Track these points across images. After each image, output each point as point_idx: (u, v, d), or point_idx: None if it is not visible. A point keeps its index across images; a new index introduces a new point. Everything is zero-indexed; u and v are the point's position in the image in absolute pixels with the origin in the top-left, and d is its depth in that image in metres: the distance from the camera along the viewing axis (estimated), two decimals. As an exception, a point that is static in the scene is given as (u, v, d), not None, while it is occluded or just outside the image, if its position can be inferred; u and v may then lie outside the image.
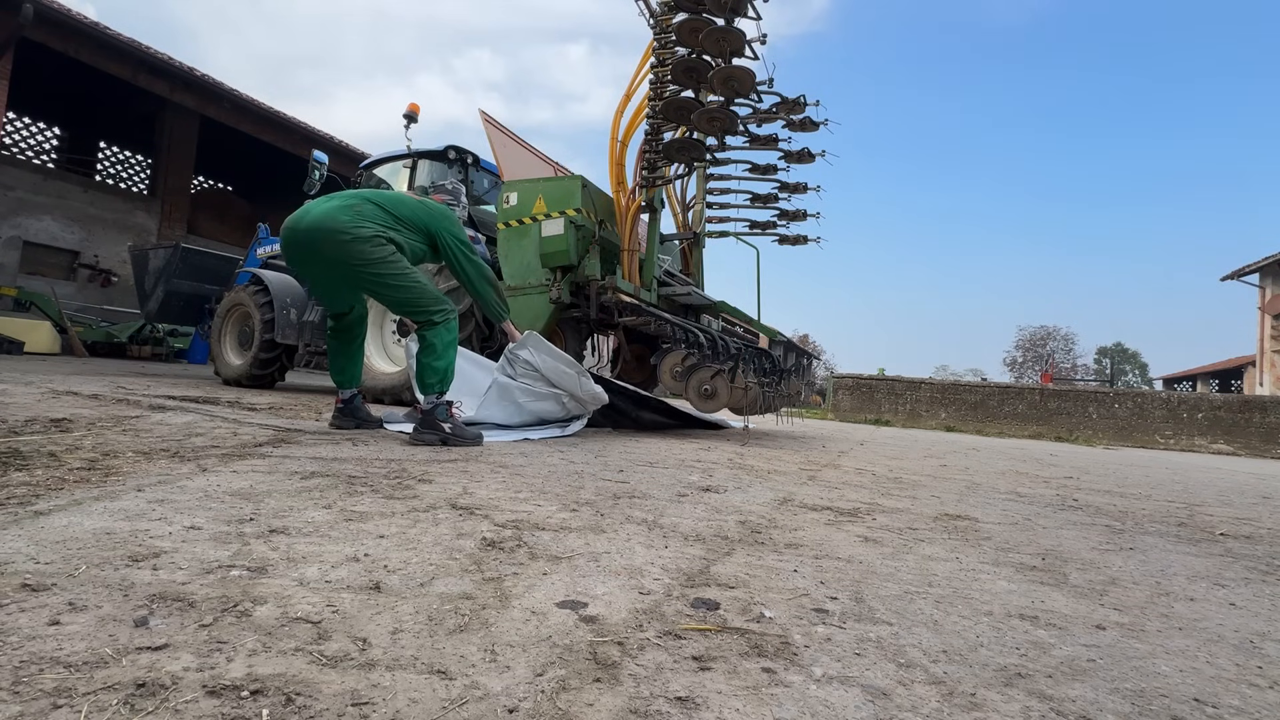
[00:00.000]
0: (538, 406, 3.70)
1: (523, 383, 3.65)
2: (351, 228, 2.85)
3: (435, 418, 2.84)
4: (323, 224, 2.85)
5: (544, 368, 3.71)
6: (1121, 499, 2.98)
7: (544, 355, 3.71)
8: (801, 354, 6.20)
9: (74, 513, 1.28)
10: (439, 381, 2.93)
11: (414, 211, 3.10)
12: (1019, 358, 52.98)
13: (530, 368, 3.70)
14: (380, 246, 2.90)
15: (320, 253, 2.89)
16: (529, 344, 3.70)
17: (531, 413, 3.68)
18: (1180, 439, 9.84)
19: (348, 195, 3.02)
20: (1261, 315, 19.02)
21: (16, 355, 8.59)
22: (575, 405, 3.86)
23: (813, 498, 2.25)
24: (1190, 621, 1.19)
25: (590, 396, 3.88)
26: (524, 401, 3.68)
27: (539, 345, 3.73)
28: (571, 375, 3.78)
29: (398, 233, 3.00)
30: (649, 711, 0.70)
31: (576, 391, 3.80)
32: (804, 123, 5.58)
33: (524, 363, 3.69)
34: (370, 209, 2.95)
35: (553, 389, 3.73)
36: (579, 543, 1.37)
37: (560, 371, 3.75)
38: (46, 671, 0.68)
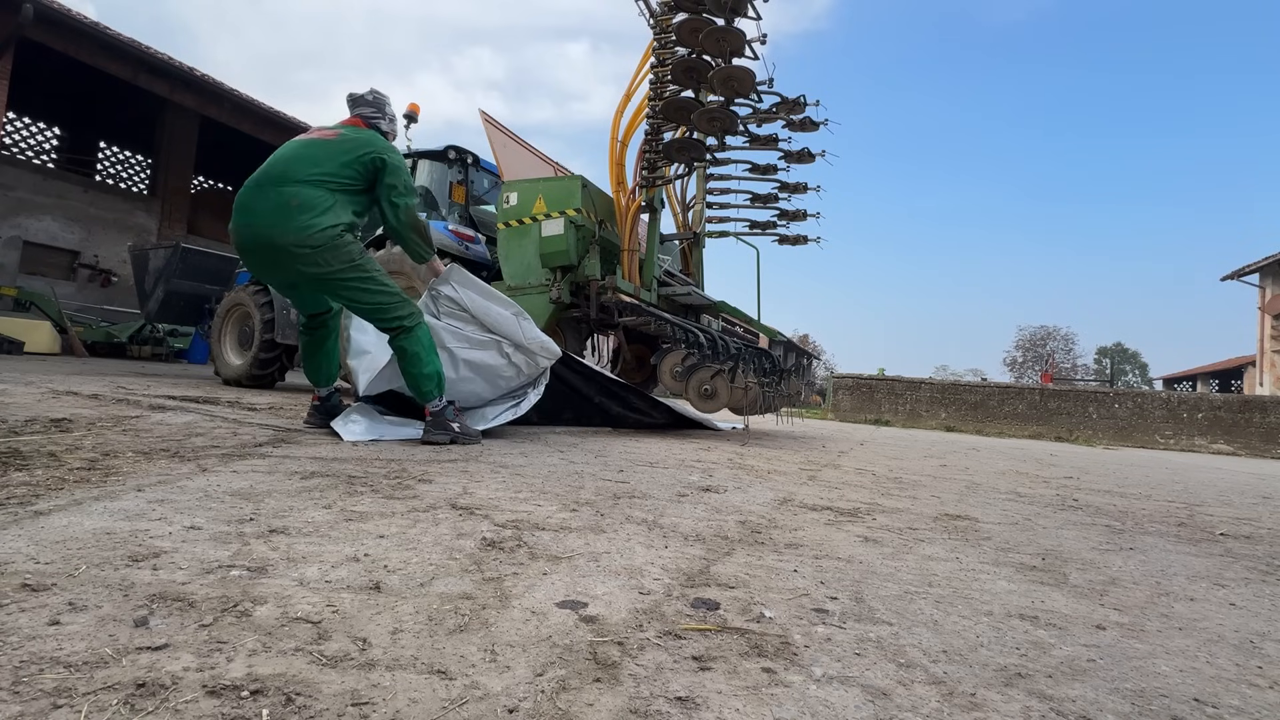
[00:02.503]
0: (475, 356, 3.23)
1: (449, 323, 3.20)
2: (305, 236, 2.64)
3: (445, 418, 2.84)
4: (274, 240, 2.65)
5: (473, 307, 3.24)
6: (1121, 499, 2.98)
7: (472, 292, 3.25)
8: (801, 354, 6.20)
9: (74, 513, 1.28)
10: (436, 387, 2.88)
11: (345, 152, 2.79)
12: (1019, 358, 52.98)
13: (456, 306, 3.23)
14: (340, 250, 2.71)
15: (280, 268, 2.74)
16: (452, 278, 3.22)
17: (468, 365, 3.22)
18: (1180, 439, 9.84)
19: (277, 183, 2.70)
20: (1261, 315, 19.02)
21: (16, 355, 8.59)
22: (523, 359, 3.37)
23: (813, 498, 2.25)
24: (1190, 621, 1.19)
25: (539, 346, 3.40)
26: (456, 349, 3.19)
27: (465, 280, 3.25)
28: (509, 318, 3.31)
29: (344, 198, 2.76)
30: (649, 711, 0.70)
31: (519, 338, 3.31)
32: (804, 123, 5.58)
33: (447, 300, 3.22)
34: (309, 192, 2.68)
35: (490, 335, 3.27)
36: (579, 543, 1.37)
37: (494, 314, 3.28)
38: (46, 671, 0.68)
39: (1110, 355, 57.79)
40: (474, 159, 6.43)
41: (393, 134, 3.17)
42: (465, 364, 3.23)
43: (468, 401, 3.37)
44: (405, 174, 2.90)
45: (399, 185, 2.86)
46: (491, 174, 6.55)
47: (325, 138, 2.87)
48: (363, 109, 3.08)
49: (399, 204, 2.85)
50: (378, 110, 3.10)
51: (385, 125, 3.11)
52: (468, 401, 3.37)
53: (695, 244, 6.07)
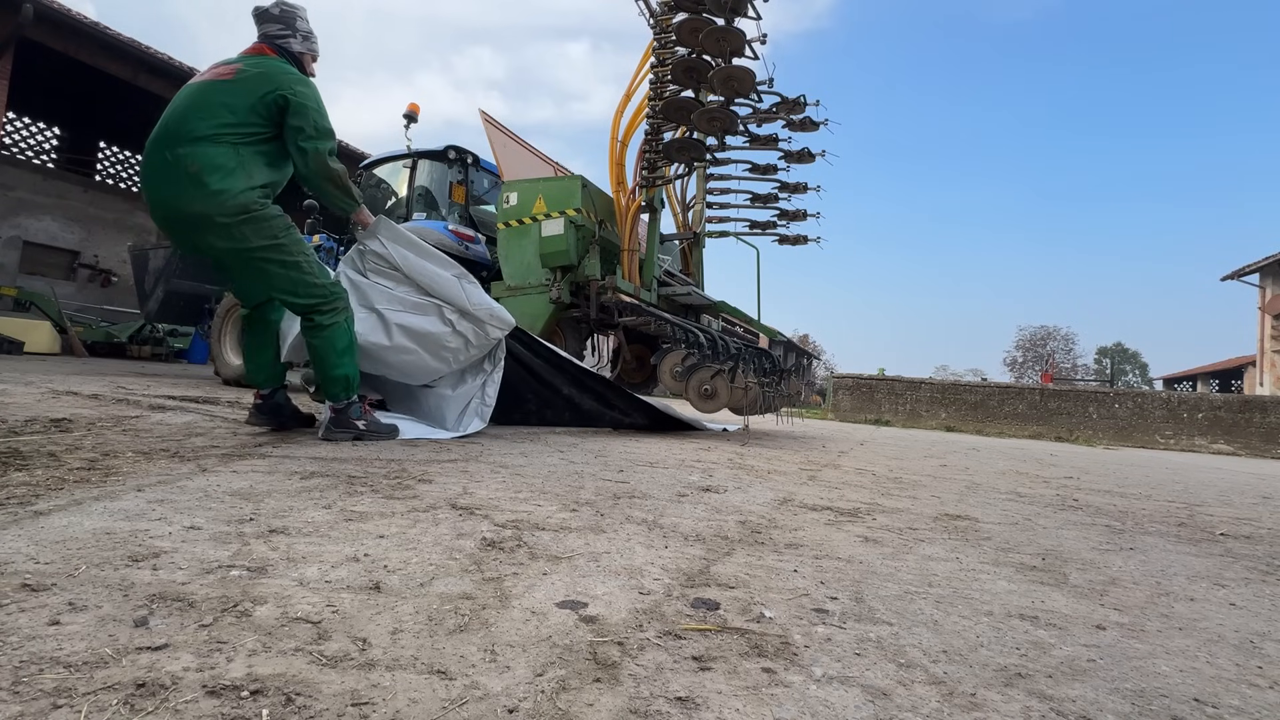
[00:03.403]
0: (411, 322, 2.88)
1: (378, 283, 2.85)
2: (216, 205, 2.29)
3: (348, 416, 2.61)
4: (183, 210, 2.31)
5: (406, 265, 2.86)
6: (1122, 499, 2.98)
7: (403, 248, 2.87)
8: (801, 354, 6.20)
9: (74, 513, 1.28)
10: (343, 390, 2.61)
11: (246, 93, 2.38)
12: (1019, 358, 52.99)
13: (385, 264, 2.86)
14: (260, 223, 2.36)
15: (199, 243, 2.40)
16: (380, 231, 2.85)
17: (404, 331, 2.88)
18: (1180, 439, 9.84)
19: (171, 143, 2.32)
20: (1261, 315, 19.02)
21: (16, 355, 8.59)
22: (470, 328, 3.02)
23: (813, 498, 2.25)
24: (1190, 621, 1.19)
25: (488, 313, 3.06)
26: (389, 312, 2.84)
27: (395, 235, 2.87)
28: (449, 280, 2.94)
29: (253, 153, 2.38)
30: (649, 711, 0.70)
31: (463, 303, 2.95)
32: (804, 123, 5.58)
33: (375, 257, 2.85)
34: (208, 151, 2.29)
35: (429, 298, 2.91)
36: (579, 543, 1.37)
37: (430, 273, 2.89)
38: (46, 671, 0.68)
39: (1110, 355, 57.80)
40: (474, 159, 6.43)
41: (311, 54, 2.67)
42: (400, 330, 2.86)
43: (411, 375, 3.08)
44: (314, 111, 2.45)
45: (306, 127, 2.42)
46: (491, 174, 6.55)
47: (222, 77, 2.41)
48: (268, 28, 2.57)
49: (306, 149, 2.43)
50: (285, 27, 2.57)
51: (297, 45, 2.59)
52: (411, 375, 3.08)
53: (695, 244, 6.07)
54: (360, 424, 2.63)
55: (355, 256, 2.89)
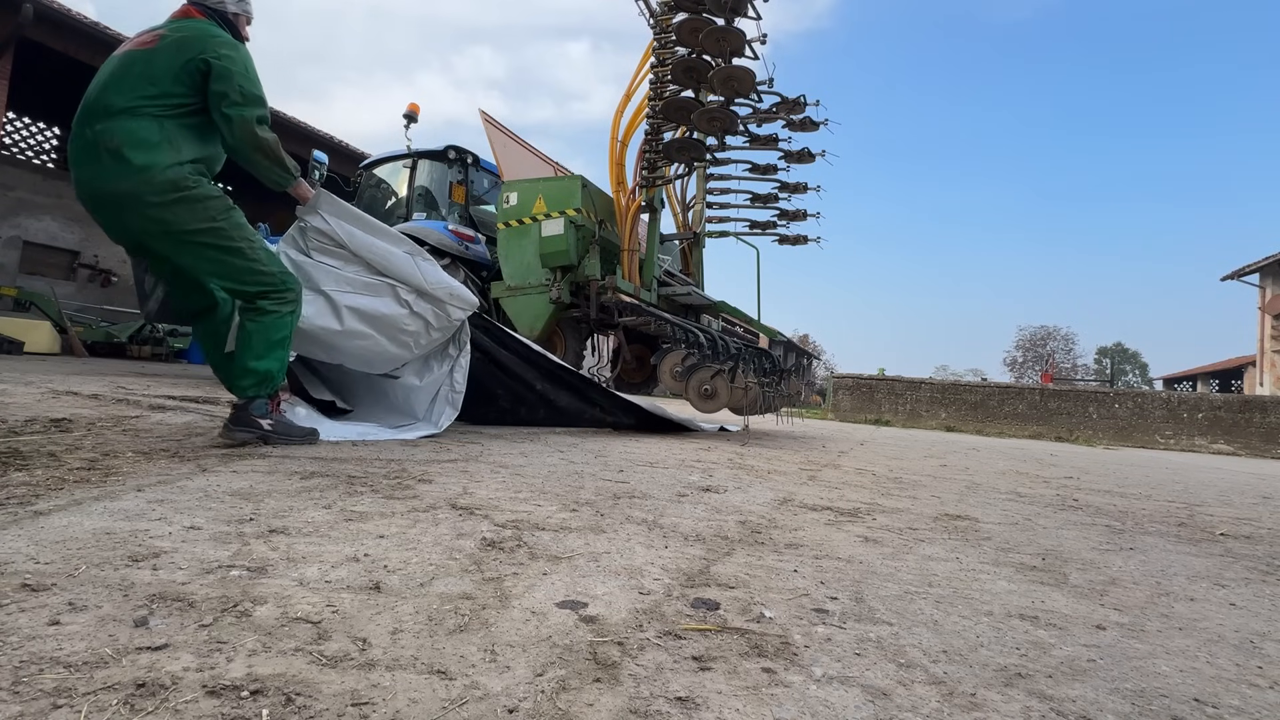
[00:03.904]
0: (363, 304, 2.64)
1: (324, 262, 2.60)
2: (141, 182, 2.09)
3: (250, 413, 2.30)
4: (107, 189, 2.12)
5: (353, 242, 2.62)
6: (1122, 499, 2.98)
7: (348, 224, 2.63)
8: (801, 354, 6.20)
9: (74, 513, 1.28)
10: (254, 386, 2.32)
11: (169, 61, 2.16)
12: (1019, 358, 53.01)
13: (329, 241, 2.61)
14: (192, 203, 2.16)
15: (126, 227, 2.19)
16: (321, 206, 2.58)
17: (356, 314, 2.63)
18: (1180, 439, 9.84)
19: (91, 119, 2.13)
20: (1261, 315, 19.02)
21: (16, 355, 8.59)
22: (429, 309, 2.80)
23: (813, 498, 2.25)
24: (1190, 621, 1.19)
25: (448, 293, 2.82)
26: (337, 294, 2.59)
27: (339, 210, 2.63)
28: (402, 258, 2.72)
29: (180, 126, 2.18)
30: (649, 711, 0.70)
31: (419, 282, 2.73)
32: (804, 123, 5.58)
33: (318, 234, 2.59)
34: (129, 126, 2.10)
35: (381, 278, 2.68)
36: (579, 543, 1.37)
37: (381, 251, 2.66)
38: (46, 671, 0.68)
39: (1110, 355, 57.82)
40: (474, 159, 6.43)
41: (245, 15, 2.45)
42: (351, 313, 2.63)
43: (371, 363, 2.87)
44: (240, 76, 2.21)
45: (230, 92, 2.19)
46: (491, 174, 6.55)
47: (144, 45, 2.22)
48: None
49: (230, 116, 2.19)
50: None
51: (232, 6, 2.38)
52: (371, 363, 2.87)
53: (695, 244, 6.07)
54: (265, 423, 2.32)
55: (296, 234, 2.61)
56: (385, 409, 3.18)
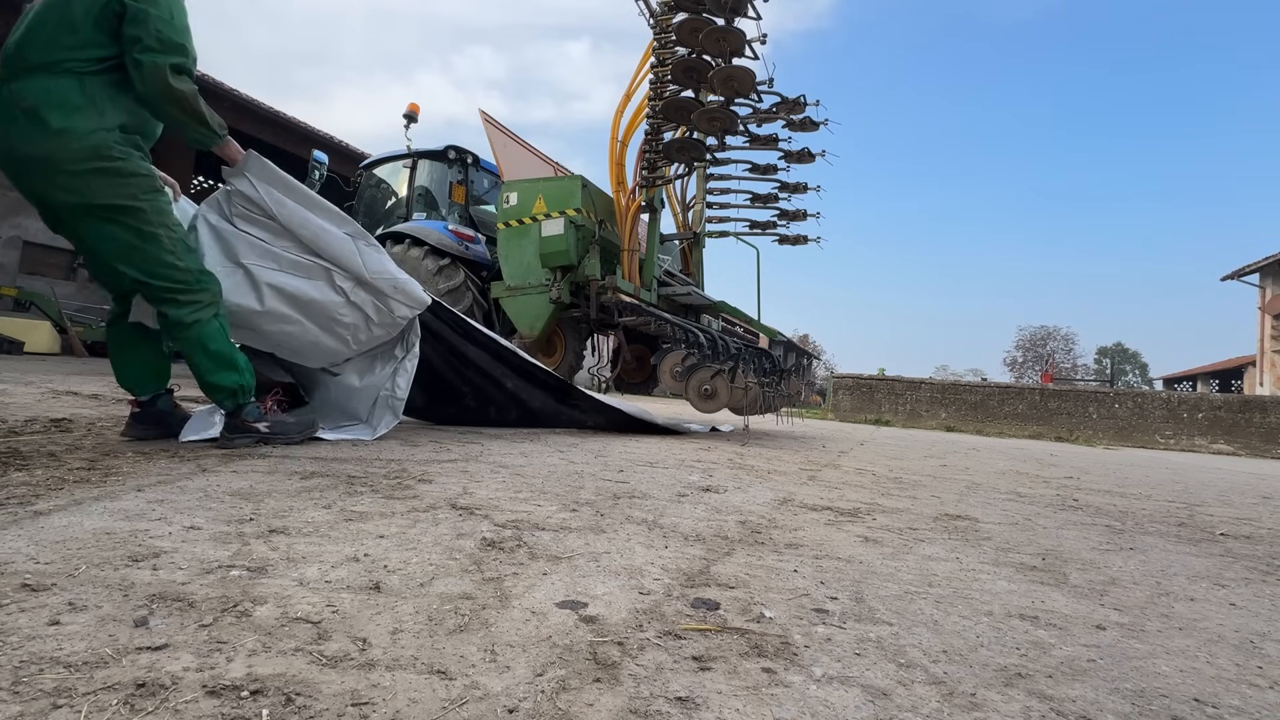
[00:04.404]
0: (290, 285, 2.38)
1: (248, 232, 2.33)
2: (56, 147, 1.89)
3: (245, 419, 2.24)
4: (19, 153, 1.92)
5: (283, 214, 2.34)
6: (1122, 499, 2.98)
7: (278, 191, 2.36)
8: (801, 354, 6.20)
9: (74, 513, 1.28)
10: (230, 399, 2.22)
11: (85, 9, 1.95)
12: (1019, 358, 53.04)
13: (256, 209, 2.33)
14: (112, 175, 1.96)
15: (40, 198, 1.98)
16: (249, 168, 2.33)
17: (280, 295, 2.37)
18: (1180, 439, 9.84)
19: (7, 76, 1.93)
20: (1261, 315, 19.02)
21: (16, 355, 8.59)
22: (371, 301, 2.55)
23: (813, 498, 2.25)
24: (1190, 621, 1.19)
25: (392, 285, 2.57)
26: (258, 268, 2.32)
27: (268, 174, 2.35)
28: (341, 239, 2.44)
29: (103, 85, 1.97)
30: (649, 711, 0.70)
31: (358, 269, 2.48)
32: (804, 123, 5.58)
33: (243, 200, 2.32)
34: (45, 85, 1.90)
35: (316, 259, 2.42)
36: (579, 543, 1.37)
37: (314, 228, 2.38)
38: (46, 671, 0.68)
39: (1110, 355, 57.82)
40: (474, 159, 6.43)
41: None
42: (274, 292, 2.36)
43: (302, 354, 2.61)
44: (157, 19, 1.98)
45: (144, 36, 1.95)
46: (491, 174, 6.55)
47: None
48: None
49: (142, 62, 1.95)
50: None
51: None
52: (302, 354, 2.61)
53: (695, 244, 6.08)
54: (263, 425, 2.25)
55: (221, 199, 2.35)
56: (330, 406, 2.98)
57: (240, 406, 2.22)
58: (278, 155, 14.25)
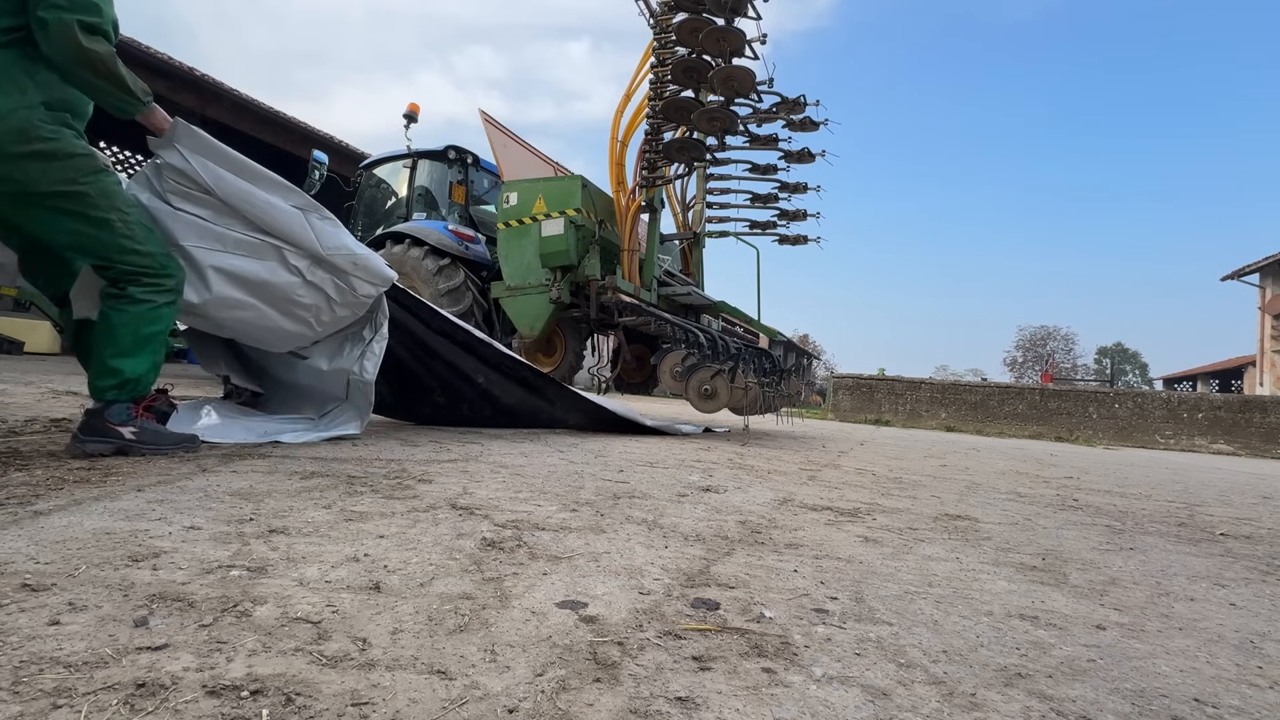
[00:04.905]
0: (240, 266, 2.18)
1: (185, 211, 2.10)
2: None
3: (105, 420, 1.92)
4: None
5: (221, 187, 2.12)
6: (1122, 499, 2.98)
7: (214, 164, 2.12)
8: (801, 354, 6.20)
9: (74, 513, 1.28)
10: (117, 388, 1.94)
11: None
12: (1019, 358, 53.05)
13: (191, 184, 2.10)
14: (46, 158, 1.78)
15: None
16: (178, 139, 2.08)
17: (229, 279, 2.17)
18: (1180, 439, 9.84)
19: None
20: (1261, 315, 19.02)
21: (16, 355, 8.59)
22: (330, 280, 2.35)
23: (813, 498, 2.25)
24: (1190, 621, 1.19)
25: (351, 261, 2.37)
26: (200, 250, 2.11)
27: (202, 145, 2.11)
28: (290, 214, 2.24)
29: (22, 58, 1.78)
30: (649, 711, 0.70)
31: (312, 245, 2.28)
32: (804, 123, 5.58)
33: (176, 174, 2.09)
34: None
35: (264, 237, 2.21)
36: (579, 543, 1.37)
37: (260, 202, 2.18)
38: (46, 671, 0.68)
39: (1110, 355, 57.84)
40: (474, 159, 6.43)
41: None
42: (222, 276, 2.15)
43: (264, 340, 2.45)
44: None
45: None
46: (491, 174, 6.55)
47: None
48: None
49: (46, 20, 1.72)
50: None
51: None
52: (264, 340, 2.45)
53: (695, 244, 6.08)
54: (126, 431, 1.94)
55: (150, 174, 2.11)
56: (298, 396, 2.80)
57: (109, 404, 1.94)
58: (278, 155, 14.26)
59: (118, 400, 1.95)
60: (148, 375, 2.01)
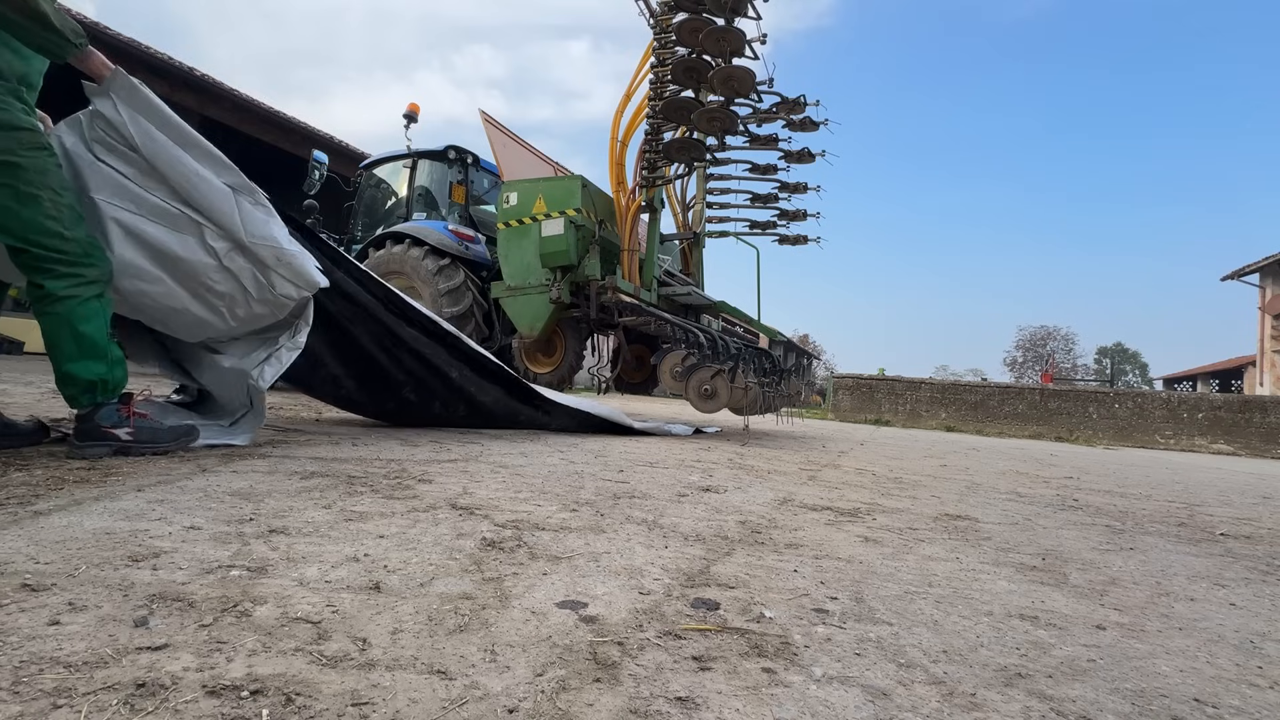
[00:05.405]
0: (152, 233, 2.02)
1: (107, 163, 1.98)
2: None
3: (97, 424, 1.90)
4: None
5: (149, 147, 1.99)
6: (1122, 499, 2.98)
7: (148, 122, 2.00)
8: (801, 354, 6.20)
9: (74, 513, 1.28)
10: (86, 392, 1.89)
11: None
12: (1019, 358, 53.06)
13: (120, 140, 1.98)
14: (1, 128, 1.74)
15: None
16: (114, 89, 1.96)
17: (139, 244, 2.01)
18: (1180, 439, 9.84)
19: None
20: (1261, 315, 19.03)
21: (16, 355, 8.59)
22: (248, 268, 2.16)
23: (813, 498, 2.25)
24: (1190, 621, 1.19)
25: (274, 255, 2.17)
26: (110, 205, 1.98)
27: (138, 100, 1.99)
28: (217, 190, 2.08)
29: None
30: (649, 711, 0.70)
31: (237, 230, 2.10)
32: (804, 123, 5.58)
33: (106, 125, 1.97)
34: None
35: (183, 209, 2.05)
36: (579, 543, 1.37)
37: (188, 171, 2.03)
38: (46, 671, 0.68)
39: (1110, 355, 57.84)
40: (474, 159, 6.43)
41: None
42: (127, 239, 1.99)
43: (166, 322, 2.22)
44: None
45: None
46: (491, 174, 6.55)
47: None
48: None
49: None
50: None
51: None
52: (166, 322, 2.22)
53: (695, 244, 6.08)
54: (121, 432, 1.92)
55: (84, 119, 1.99)
56: (211, 397, 2.57)
57: (96, 406, 1.91)
58: (278, 155, 14.26)
59: (96, 403, 1.91)
60: (111, 372, 1.93)
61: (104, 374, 1.91)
